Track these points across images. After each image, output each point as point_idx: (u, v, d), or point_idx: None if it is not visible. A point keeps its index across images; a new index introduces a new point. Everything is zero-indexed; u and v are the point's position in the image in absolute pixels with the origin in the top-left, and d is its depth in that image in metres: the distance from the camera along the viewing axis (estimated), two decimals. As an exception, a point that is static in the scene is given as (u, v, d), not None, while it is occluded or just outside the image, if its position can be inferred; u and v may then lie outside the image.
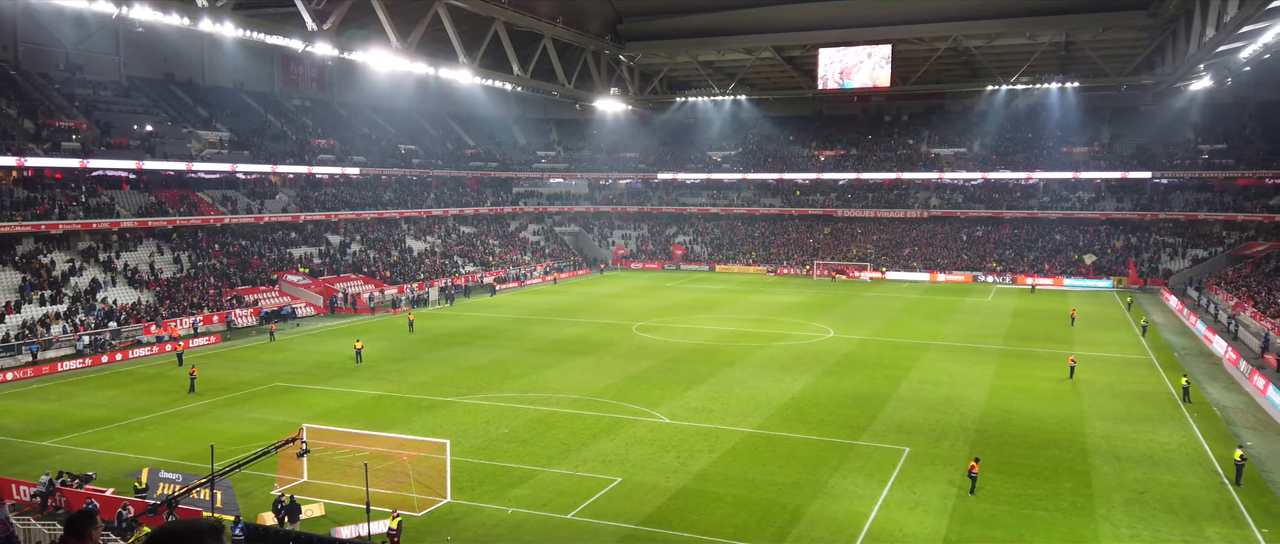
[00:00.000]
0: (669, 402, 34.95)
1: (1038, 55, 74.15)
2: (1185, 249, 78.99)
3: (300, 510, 22.36)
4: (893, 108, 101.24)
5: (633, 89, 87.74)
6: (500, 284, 75.73)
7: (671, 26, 77.43)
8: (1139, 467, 27.17)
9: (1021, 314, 59.94)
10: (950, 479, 25.81)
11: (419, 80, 79.86)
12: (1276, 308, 51.67)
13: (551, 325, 54.96)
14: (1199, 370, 41.68)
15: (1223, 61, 59.34)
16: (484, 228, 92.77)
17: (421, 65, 61.77)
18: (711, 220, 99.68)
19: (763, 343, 48.56)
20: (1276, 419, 33.38)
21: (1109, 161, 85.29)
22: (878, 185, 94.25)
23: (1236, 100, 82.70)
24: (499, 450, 28.59)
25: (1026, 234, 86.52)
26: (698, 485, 25.31)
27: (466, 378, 39.56)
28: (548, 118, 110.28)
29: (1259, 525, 22.57)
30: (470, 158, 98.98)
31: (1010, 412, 33.70)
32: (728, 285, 77.54)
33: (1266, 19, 44.42)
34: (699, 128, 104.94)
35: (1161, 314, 60.66)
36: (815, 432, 30.97)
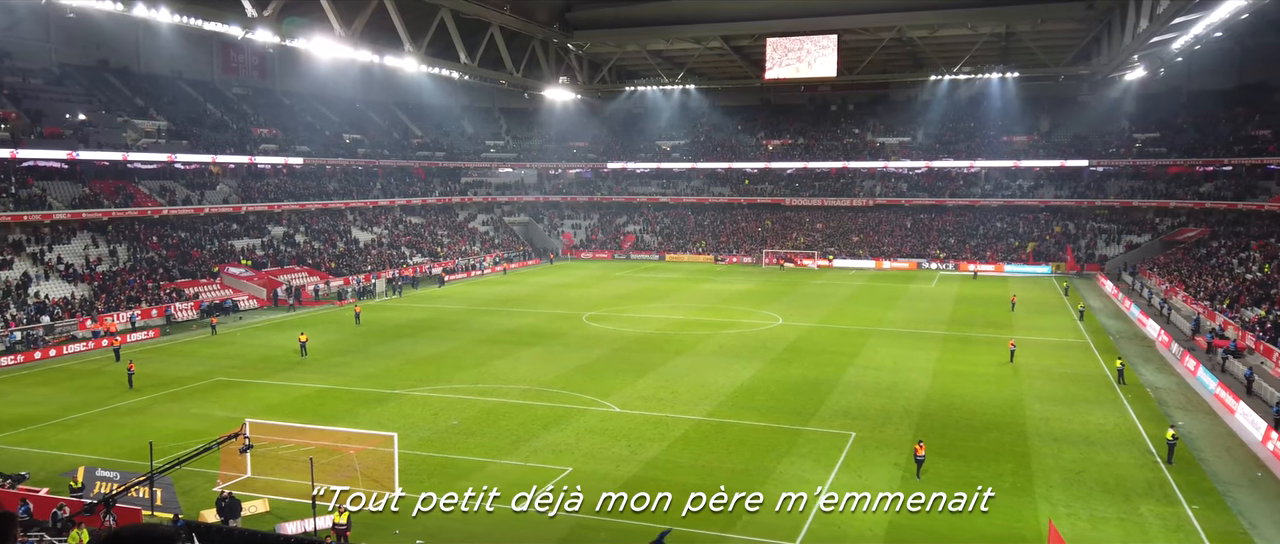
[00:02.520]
0: (619, 391, 35.02)
1: (979, 46, 75.49)
2: (1120, 235, 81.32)
3: (242, 507, 21.97)
4: (839, 97, 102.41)
5: (582, 78, 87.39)
6: (449, 275, 75.07)
7: (620, 15, 77.21)
8: (1076, 447, 27.96)
9: (964, 300, 61.21)
10: (896, 462, 26.30)
11: (364, 69, 78.54)
12: (1206, 292, 53.51)
13: (501, 316, 54.67)
14: (1133, 353, 43.02)
15: (1156, 52, 61.05)
16: (432, 218, 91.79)
17: (366, 53, 60.70)
18: (661, 210, 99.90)
19: (712, 331, 48.88)
20: (1206, 399, 34.61)
21: (1047, 150, 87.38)
22: (825, 174, 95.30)
23: (1169, 90, 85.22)
24: (447, 443, 28.40)
25: (969, 221, 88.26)
26: (648, 474, 25.42)
27: (414, 370, 39.18)
28: (496, 107, 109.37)
29: (1189, 502, 23.38)
30: (417, 148, 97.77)
31: (953, 395, 34.42)
32: (678, 274, 77.85)
33: (1197, 11, 45.80)
34: (648, 117, 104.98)
35: (1098, 299, 62.41)
36: (764, 418, 31.30)
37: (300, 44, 56.85)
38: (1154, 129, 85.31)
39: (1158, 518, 22.41)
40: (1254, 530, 21.67)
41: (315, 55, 64.87)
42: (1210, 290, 53.44)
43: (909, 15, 70.16)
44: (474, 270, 79.38)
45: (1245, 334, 42.13)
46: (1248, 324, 43.54)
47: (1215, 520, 22.23)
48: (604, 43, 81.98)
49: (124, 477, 23.05)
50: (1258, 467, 26.65)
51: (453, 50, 67.22)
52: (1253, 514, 22.76)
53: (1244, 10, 43.83)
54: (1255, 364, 38.28)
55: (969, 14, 68.86)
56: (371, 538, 21.45)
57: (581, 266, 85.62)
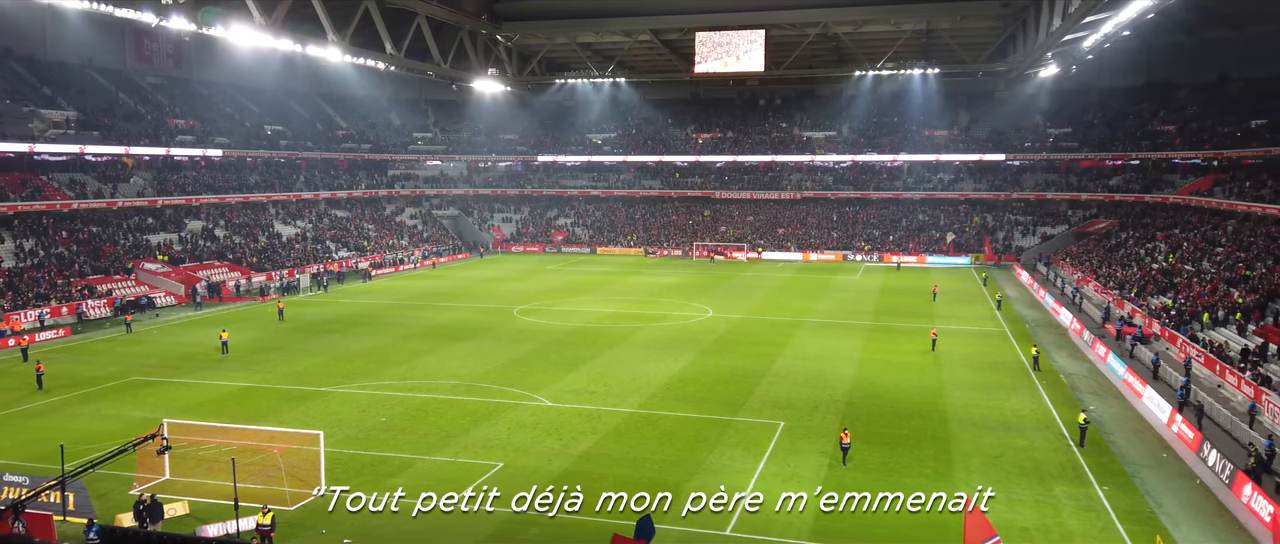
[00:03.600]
0: (551, 385, 34.96)
1: (901, 42, 77.26)
2: (1035, 227, 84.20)
3: (163, 510, 21.32)
4: (767, 92, 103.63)
5: (511, 70, 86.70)
6: (376, 269, 73.80)
7: (548, 7, 76.85)
8: (994, 433, 28.94)
9: (888, 291, 62.68)
10: (823, 450, 26.85)
11: (286, 58, 76.56)
12: (1115, 281, 55.80)
13: (430, 311, 54.01)
14: (1048, 341, 44.66)
15: (1068, 50, 63.30)
16: (358, 211, 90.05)
17: (287, 43, 59.16)
18: (592, 203, 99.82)
19: (644, 324, 49.11)
20: (1115, 385, 36.15)
21: (966, 145, 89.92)
22: (753, 167, 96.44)
23: (1080, 87, 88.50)
24: (376, 440, 27.99)
25: (892, 214, 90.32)
26: (580, 467, 25.47)
27: (341, 366, 38.47)
28: (424, 98, 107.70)
29: (1100, 483, 24.42)
30: (342, 139, 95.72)
31: (877, 384, 35.27)
32: (609, 267, 77.92)
33: (1106, 10, 47.68)
34: (579, 110, 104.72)
35: (1014, 289, 64.55)
36: (695, 409, 31.61)
37: (218, 32, 55.06)
38: (1066, 124, 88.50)
39: (1071, 499, 23.35)
40: (1160, 509, 22.75)
41: (234, 44, 62.98)
42: (1119, 280, 55.75)
43: (834, 11, 71.43)
44: (402, 265, 78.18)
45: (1151, 322, 44.10)
46: (1154, 312, 45.58)
47: (1124, 500, 23.27)
48: (533, 34, 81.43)
49: (34, 481, 22.13)
50: (1163, 448, 27.96)
51: (378, 40, 66.02)
52: (1158, 494, 23.88)
53: (1150, 10, 45.80)
54: (1161, 350, 40.15)
55: (892, 10, 70.42)
56: (297, 538, 21.05)
57: (512, 260, 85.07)
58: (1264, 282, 43.95)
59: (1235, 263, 49.86)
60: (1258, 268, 47.06)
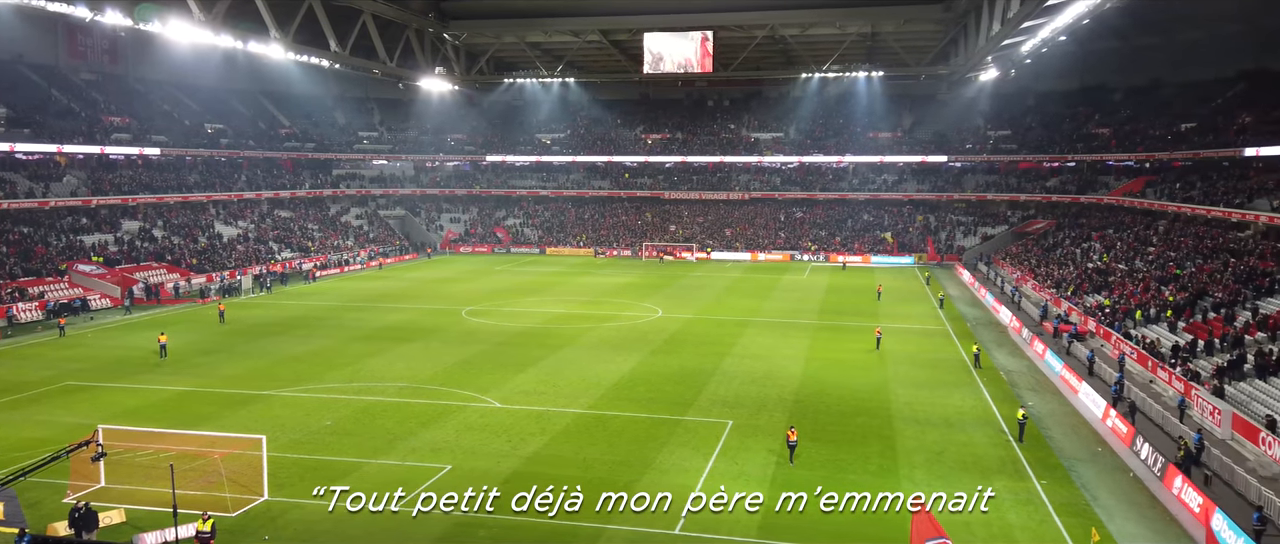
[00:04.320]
0: (500, 386, 34.78)
1: (847, 45, 78.35)
2: (976, 227, 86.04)
3: (97, 518, 20.74)
4: (715, 93, 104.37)
5: (459, 69, 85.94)
6: (321, 270, 72.60)
7: (496, 6, 76.37)
8: (937, 429, 29.53)
9: (834, 290, 63.54)
10: (770, 448, 27.14)
11: (227, 55, 74.71)
12: (1053, 280, 57.30)
13: (377, 312, 53.34)
14: (988, 338, 45.69)
15: (1007, 54, 64.83)
16: (302, 212, 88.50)
17: (228, 39, 57.82)
18: (541, 203, 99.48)
19: (593, 324, 49.10)
20: (1053, 381, 37.12)
21: (910, 146, 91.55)
22: (702, 168, 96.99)
23: (1019, 90, 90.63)
24: (320, 444, 27.57)
25: (838, 214, 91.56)
26: (529, 468, 25.38)
27: (284, 369, 37.79)
28: (369, 97, 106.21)
29: (1038, 477, 25.06)
30: (285, 138, 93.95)
31: (824, 382, 35.74)
32: (558, 268, 77.74)
33: (1043, 16, 48.89)
34: (528, 109, 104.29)
35: (956, 287, 65.88)
36: (644, 409, 31.71)
37: (155, 28, 53.66)
38: (1006, 127, 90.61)
39: (1010, 493, 23.93)
40: (1095, 502, 23.44)
41: (173, 40, 61.35)
42: (1056, 279, 57.26)
43: (781, 14, 72.16)
44: (347, 266, 77.03)
45: (1087, 319, 45.40)
46: (1089, 310, 46.93)
47: (1061, 493, 23.93)
48: (481, 33, 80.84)
49: (-39, 491, 21.37)
50: (1098, 442, 28.81)
51: (322, 37, 64.96)
52: (1094, 487, 24.60)
53: (1085, 16, 47.08)
54: (1096, 347, 41.36)
55: (837, 13, 71.37)
56: (240, 545, 20.65)
57: (461, 261, 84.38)
58: (1193, 280, 45.53)
59: (1166, 262, 51.55)
60: (1187, 267, 48.72)
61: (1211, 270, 45.98)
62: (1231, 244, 49.61)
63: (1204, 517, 21.25)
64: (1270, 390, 30.14)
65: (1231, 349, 34.23)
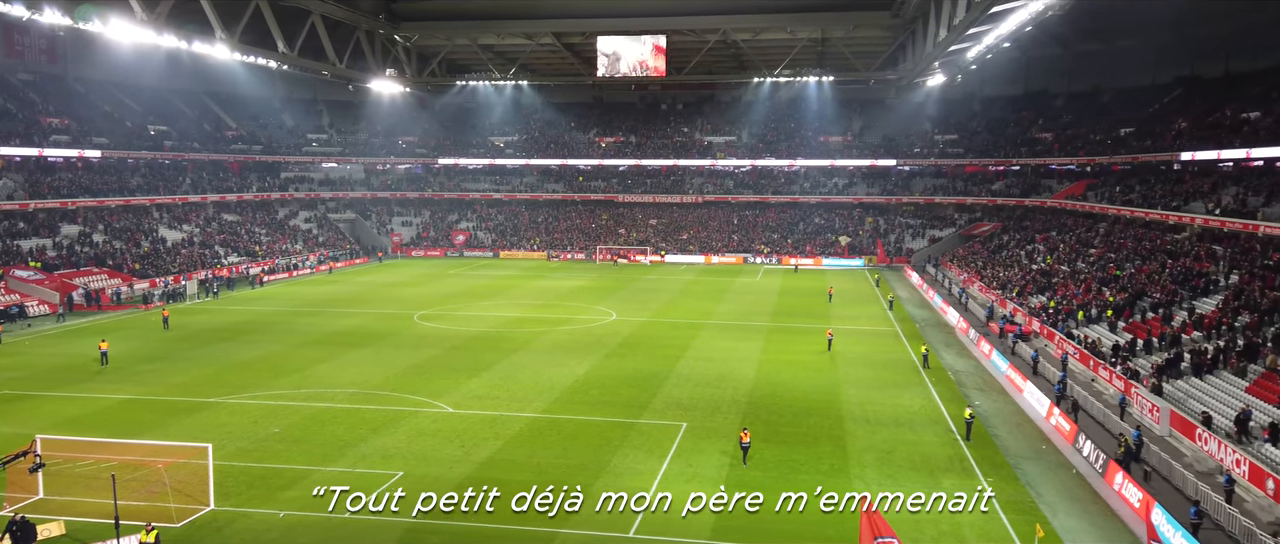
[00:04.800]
0: (453, 391, 34.52)
1: (798, 50, 79.22)
2: (924, 230, 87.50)
3: (35, 531, 20.15)
4: (668, 96, 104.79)
5: (410, 70, 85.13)
6: (269, 275, 71.33)
7: (448, 8, 75.81)
8: (887, 428, 29.98)
9: (786, 292, 64.15)
10: (724, 450, 27.31)
11: (170, 55, 73.06)
12: (998, 281, 58.51)
13: (326, 317, 52.58)
14: (936, 339, 46.49)
15: (953, 60, 66.09)
16: (249, 215, 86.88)
17: (171, 39, 56.54)
18: (495, 206, 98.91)
19: (547, 328, 48.95)
20: (999, 380, 37.90)
21: (860, 150, 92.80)
22: (656, 171, 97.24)
23: (965, 95, 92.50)
24: (269, 451, 27.10)
25: (790, 217, 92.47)
26: (482, 474, 25.21)
27: (231, 376, 37.07)
28: (319, 98, 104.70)
29: (985, 475, 25.58)
30: (232, 140, 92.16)
31: (776, 383, 36.07)
32: (512, 271, 77.38)
33: (988, 22, 49.97)
34: (481, 112, 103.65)
35: (905, 289, 66.93)
36: (598, 413, 31.70)
37: (96, 27, 52.28)
38: (953, 131, 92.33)
39: (958, 490, 24.32)
40: (1040, 499, 23.99)
41: (114, 40, 59.85)
42: (1002, 280, 58.48)
43: (733, 18, 72.77)
44: (296, 270, 75.81)
45: (1031, 320, 46.44)
46: (1033, 311, 48.02)
47: (1007, 491, 24.44)
48: (433, 35, 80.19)
49: (-111, 506, 20.64)
50: (1042, 440, 29.49)
51: (270, 38, 63.91)
52: (1039, 484, 25.17)
53: (1028, 24, 48.23)
54: (1040, 347, 42.33)
55: (788, 19, 72.15)
56: (185, 556, 20.22)
57: (412, 265, 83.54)
58: (1132, 281, 46.82)
59: (1107, 263, 52.94)
60: (1127, 268, 50.09)
61: (1150, 271, 47.33)
62: (1168, 246, 51.13)
63: (1144, 511, 21.85)
64: (1206, 388, 31.13)
65: (1169, 348, 35.26)
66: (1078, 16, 59.42)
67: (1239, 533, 21.29)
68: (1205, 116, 62.52)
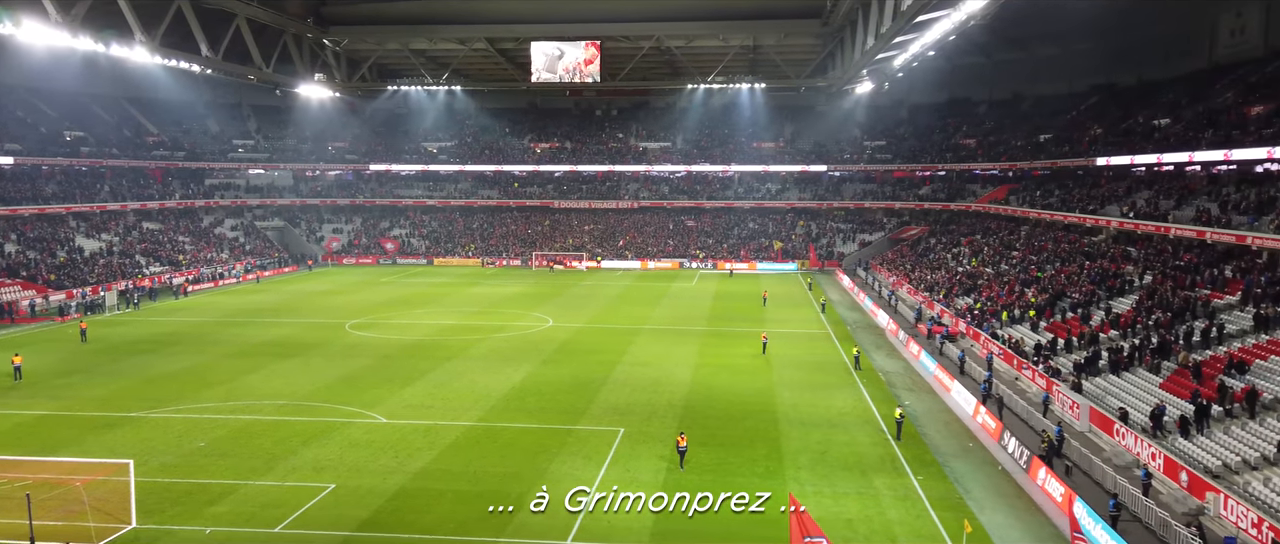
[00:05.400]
0: (386, 400, 34.00)
1: (730, 57, 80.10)
2: (855, 234, 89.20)
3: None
4: (604, 103, 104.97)
5: (340, 75, 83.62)
6: (193, 285, 69.26)
7: (379, 12, 74.68)
8: (820, 429, 30.47)
9: (721, 297, 64.74)
10: (661, 455, 27.44)
11: (87, 58, 70.38)
12: (926, 284, 59.92)
13: (254, 327, 51.29)
14: (867, 341, 47.41)
15: (881, 68, 67.55)
16: (172, 223, 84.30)
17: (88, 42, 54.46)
18: (428, 213, 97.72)
19: (483, 335, 48.55)
20: (927, 380, 38.83)
21: (792, 156, 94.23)
22: (592, 177, 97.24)
23: (893, 102, 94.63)
24: (195, 466, 26.32)
25: (725, 222, 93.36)
26: (417, 484, 24.91)
27: (153, 389, 35.90)
28: (245, 103, 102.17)
29: (915, 473, 26.17)
30: (153, 146, 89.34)
31: (713, 387, 36.37)
32: (447, 278, 76.54)
33: (913, 31, 51.22)
34: (413, 118, 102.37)
35: (837, 292, 68.11)
36: (535, 420, 31.56)
37: (7, 30, 50.05)
38: (881, 137, 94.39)
39: (889, 489, 24.90)
40: (967, 495, 24.64)
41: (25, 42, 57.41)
42: (929, 282, 59.94)
43: (666, 25, 73.26)
44: (222, 279, 73.75)
45: (958, 321, 47.68)
46: (959, 312, 49.31)
47: (936, 488, 25.06)
48: (363, 39, 78.92)
49: None
50: (969, 438, 30.30)
51: (193, 41, 62.13)
52: (966, 481, 25.86)
53: (951, 33, 49.54)
54: (966, 347, 43.48)
55: (720, 26, 72.93)
56: (106, 577, 19.53)
57: (343, 273, 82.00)
58: (1052, 282, 48.43)
59: (1028, 265, 54.66)
60: (1047, 269, 51.79)
61: (1069, 272, 49.02)
62: (1086, 248, 53.03)
63: (1066, 505, 22.62)
64: (1123, 385, 32.36)
65: (1088, 347, 36.58)
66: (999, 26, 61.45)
67: (1155, 524, 22.18)
68: (1119, 123, 65.05)
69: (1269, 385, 27.69)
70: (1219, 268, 39.46)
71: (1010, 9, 45.24)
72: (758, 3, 69.04)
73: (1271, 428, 25.27)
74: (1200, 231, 42.04)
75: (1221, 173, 49.72)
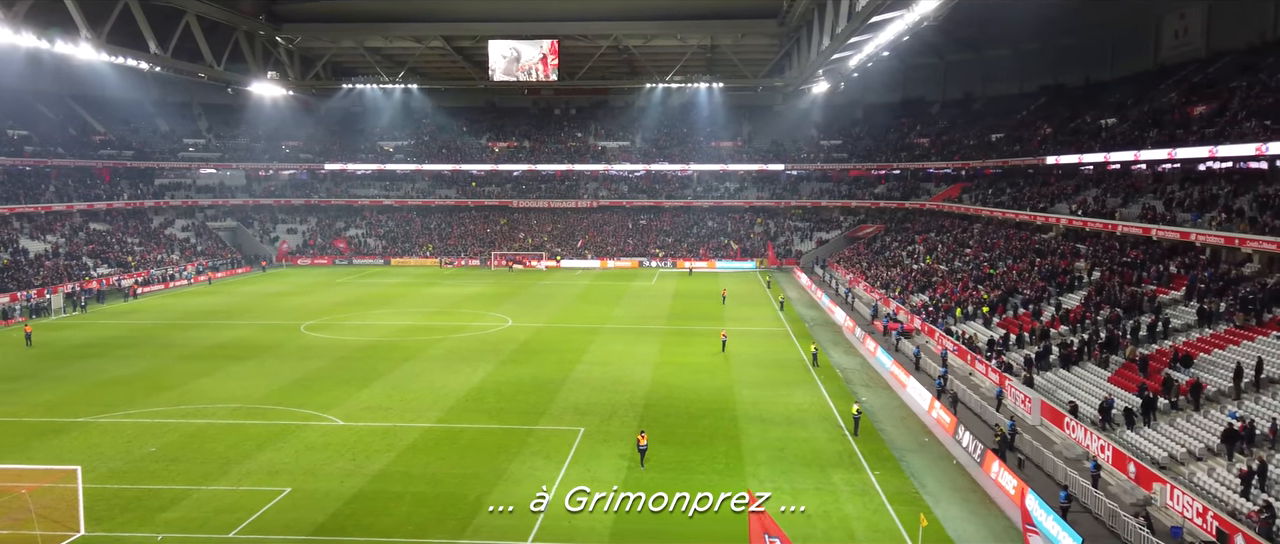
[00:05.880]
0: (343, 403, 33.60)
1: (688, 57, 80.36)
2: (812, 232, 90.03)
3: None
4: (562, 101, 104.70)
5: (293, 73, 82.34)
6: (143, 287, 67.78)
7: (333, 9, 73.68)
8: (779, 426, 30.73)
9: (681, 295, 64.97)
10: (622, 454, 27.47)
11: (30, 54, 68.46)
12: (882, 281, 60.68)
13: (207, 329, 50.38)
14: (825, 338, 47.91)
15: (836, 68, 68.24)
16: (121, 224, 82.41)
17: (31, 39, 53.02)
18: (385, 213, 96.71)
19: (441, 335, 48.19)
20: (884, 376, 39.35)
21: (750, 155, 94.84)
22: (550, 176, 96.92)
23: (848, 102, 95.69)
24: (146, 472, 25.79)
25: (684, 221, 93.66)
26: (375, 487, 24.66)
27: (102, 393, 35.10)
28: (196, 102, 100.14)
29: (872, 468, 26.51)
30: (100, 145, 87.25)
31: (672, 386, 36.50)
32: (404, 279, 75.83)
33: (868, 32, 51.82)
34: (369, 116, 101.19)
35: (795, 290, 68.71)
36: (495, 420, 31.42)
37: (-57, 24, 48.73)
38: (837, 137, 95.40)
39: (847, 484, 25.20)
40: (923, 489, 25.01)
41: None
42: (885, 280, 60.72)
43: (624, 24, 73.27)
44: (173, 281, 72.27)
45: (913, 318, 48.37)
46: (914, 309, 50.03)
47: (893, 482, 25.40)
48: (317, 37, 77.80)
49: None
50: (925, 433, 30.77)
51: (141, 38, 60.77)
52: (922, 475, 26.25)
53: (905, 34, 50.21)
54: (921, 344, 44.14)
55: (678, 26, 73.12)
56: (53, 587, 19.07)
57: (299, 274, 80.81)
58: (1005, 279, 49.35)
59: (981, 262, 55.63)
60: (999, 266, 52.76)
61: (1020, 269, 49.99)
62: (1037, 245, 54.10)
63: (1018, 497, 23.05)
64: (1073, 379, 33.09)
65: (1039, 342, 37.34)
66: (951, 28, 62.55)
67: (1104, 515, 22.72)
68: (1068, 123, 66.43)
69: (1212, 378, 28.51)
70: (1164, 264, 40.52)
71: (962, 11, 46.02)
72: (715, 3, 69.33)
73: (1215, 419, 26.01)
74: (1146, 229, 43.13)
75: (1166, 171, 51.02)
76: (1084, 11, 64.28)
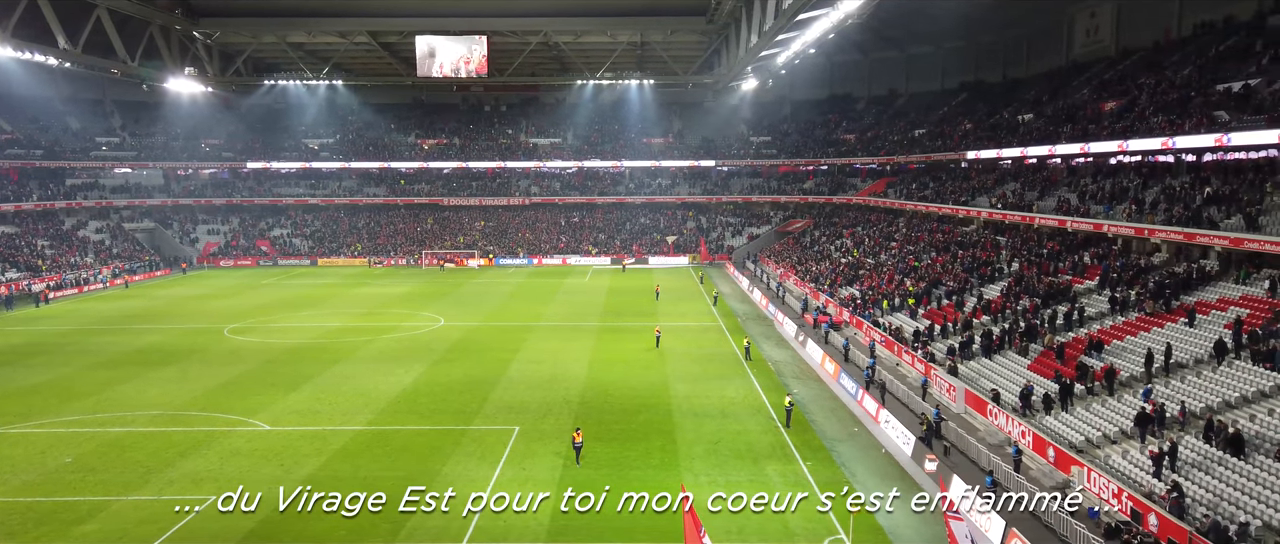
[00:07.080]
0: (269, 407, 32.83)
1: (618, 53, 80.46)
2: (744, 227, 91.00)
3: None
4: (492, 98, 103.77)
5: (212, 69, 79.92)
6: (55, 291, 65.08)
7: (254, 4, 71.69)
8: (713, 420, 31.05)
9: (615, 292, 65.04)
10: (557, 451, 27.43)
11: (-75, 49, 65.35)
12: (811, 275, 61.68)
13: (124, 334, 48.63)
14: (757, 332, 48.53)
15: (765, 65, 69.10)
16: (29, 226, 78.94)
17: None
18: (311, 212, 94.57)
19: (371, 336, 47.39)
20: (814, 368, 40.04)
21: (681, 151, 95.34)
22: (482, 174, 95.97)
23: (777, 99, 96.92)
24: (60, 484, 24.82)
25: (617, 218, 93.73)
26: (305, 492, 24.06)
27: (11, 403, 33.64)
28: (109, 99, 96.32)
29: (804, 459, 26.98)
30: (7, 145, 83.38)
31: (607, 382, 36.56)
32: (332, 279, 74.31)
33: (795, 30, 52.60)
34: (292, 113, 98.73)
35: (727, 285, 69.41)
36: (428, 421, 31.07)
37: None
38: (766, 133, 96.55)
39: (780, 475, 25.60)
40: (853, 478, 25.56)
41: None
42: (814, 274, 61.74)
43: (554, 21, 72.96)
44: (87, 285, 69.55)
45: (842, 310, 49.32)
46: (843, 301, 51.00)
47: (824, 472, 25.90)
48: (236, 32, 75.61)
49: None
50: (854, 423, 31.43)
51: (49, 33, 58.31)
52: (852, 464, 26.81)
53: (830, 31, 51.11)
54: (850, 335, 45.03)
55: (608, 22, 73.10)
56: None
57: (221, 276, 78.52)
58: (929, 271, 50.63)
59: (907, 255, 56.97)
60: (924, 259, 54.10)
61: (944, 261, 51.36)
62: (959, 238, 55.64)
63: (942, 483, 23.73)
64: (995, 367, 34.15)
65: (962, 332, 38.42)
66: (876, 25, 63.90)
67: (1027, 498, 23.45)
68: (987, 118, 68.37)
69: (1124, 364, 29.73)
70: (1079, 254, 42.08)
71: (885, 9, 47.08)
72: (644, 0, 69.51)
73: (1128, 403, 27.14)
74: (1061, 220, 44.68)
75: (1080, 165, 52.89)
76: (1002, 10, 66.27)
